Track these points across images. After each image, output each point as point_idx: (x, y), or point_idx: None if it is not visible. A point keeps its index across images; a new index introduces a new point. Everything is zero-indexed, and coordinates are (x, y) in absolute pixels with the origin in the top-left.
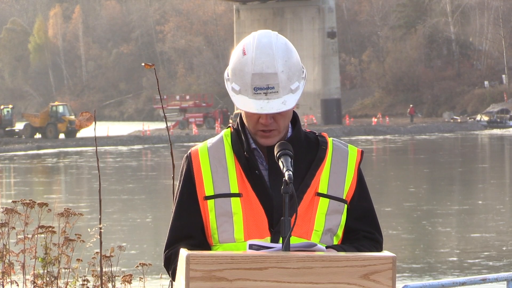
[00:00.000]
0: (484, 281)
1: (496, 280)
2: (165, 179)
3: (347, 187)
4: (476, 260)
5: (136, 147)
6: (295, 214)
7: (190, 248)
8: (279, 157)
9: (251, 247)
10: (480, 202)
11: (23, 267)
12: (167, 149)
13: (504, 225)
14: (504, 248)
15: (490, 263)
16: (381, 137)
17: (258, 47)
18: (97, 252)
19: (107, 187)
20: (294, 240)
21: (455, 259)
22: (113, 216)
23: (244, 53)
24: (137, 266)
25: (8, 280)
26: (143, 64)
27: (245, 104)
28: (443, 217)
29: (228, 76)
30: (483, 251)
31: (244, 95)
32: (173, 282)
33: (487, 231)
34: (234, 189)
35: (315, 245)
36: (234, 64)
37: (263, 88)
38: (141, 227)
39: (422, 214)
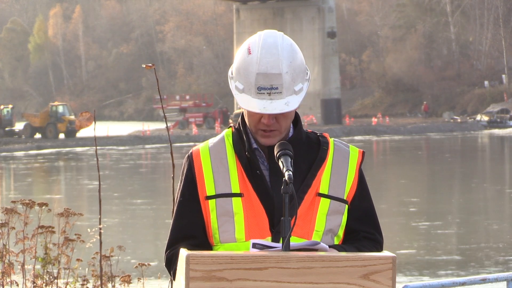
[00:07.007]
0: (484, 281)
1: (496, 280)
2: (165, 179)
3: (348, 188)
4: (476, 259)
5: (135, 147)
6: (295, 214)
7: (191, 248)
8: (279, 157)
9: (255, 245)
10: (480, 201)
11: (23, 267)
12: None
13: (506, 224)
14: (501, 246)
15: (491, 262)
16: (380, 137)
17: (264, 46)
18: (97, 252)
19: (107, 187)
20: (295, 241)
21: (455, 258)
22: (113, 216)
23: (249, 52)
24: (136, 267)
25: (8, 280)
26: (143, 65)
27: (248, 103)
28: (443, 216)
29: (232, 74)
30: (484, 250)
31: (247, 94)
32: (174, 282)
33: (488, 230)
34: (236, 189)
35: (318, 243)
36: (239, 63)
37: (267, 88)
38: (141, 227)
39: (422, 213)
